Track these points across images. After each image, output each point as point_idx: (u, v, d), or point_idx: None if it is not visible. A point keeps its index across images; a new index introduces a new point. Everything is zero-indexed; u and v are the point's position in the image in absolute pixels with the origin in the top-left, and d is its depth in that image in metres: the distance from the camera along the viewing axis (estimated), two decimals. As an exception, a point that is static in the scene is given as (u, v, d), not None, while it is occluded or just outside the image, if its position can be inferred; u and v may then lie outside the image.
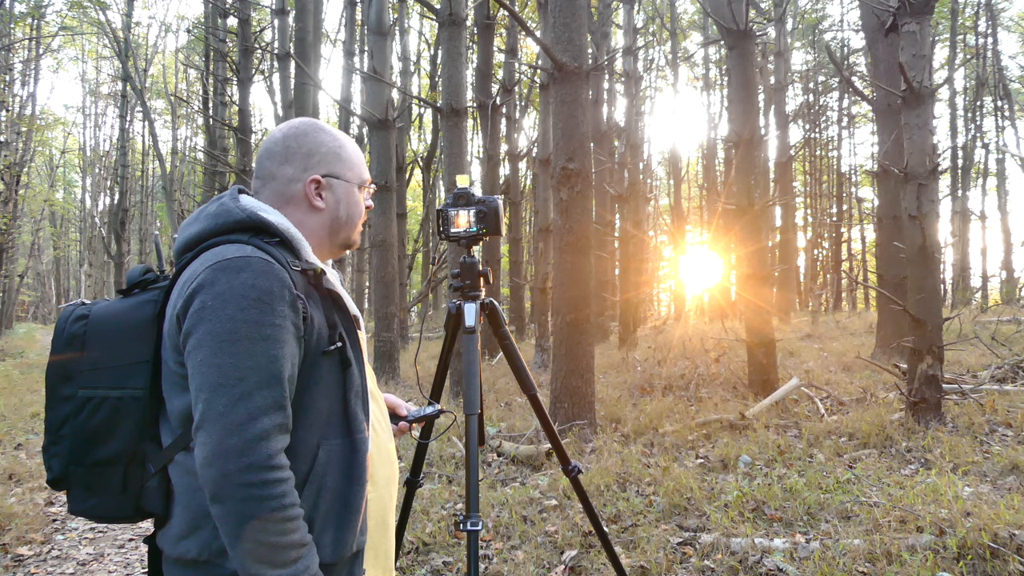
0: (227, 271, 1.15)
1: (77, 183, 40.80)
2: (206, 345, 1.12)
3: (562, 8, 5.51)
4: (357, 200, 1.42)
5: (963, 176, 22.51)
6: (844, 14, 24.86)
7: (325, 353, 1.24)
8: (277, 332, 1.14)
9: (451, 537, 3.53)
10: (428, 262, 22.49)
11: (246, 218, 1.25)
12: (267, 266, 1.17)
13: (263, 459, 1.09)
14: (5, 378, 11.14)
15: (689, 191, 30.32)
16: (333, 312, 1.29)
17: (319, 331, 1.23)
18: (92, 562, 3.77)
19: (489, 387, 8.34)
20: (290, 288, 1.18)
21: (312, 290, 1.26)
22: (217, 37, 16.88)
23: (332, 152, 1.40)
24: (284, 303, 1.16)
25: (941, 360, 5.15)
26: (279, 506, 1.09)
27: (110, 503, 1.25)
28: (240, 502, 1.07)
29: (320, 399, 1.23)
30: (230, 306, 1.12)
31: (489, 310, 2.25)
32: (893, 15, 5.41)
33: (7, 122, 20.69)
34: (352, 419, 1.26)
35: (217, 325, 1.12)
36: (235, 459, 1.07)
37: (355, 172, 1.42)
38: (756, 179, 8.29)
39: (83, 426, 1.22)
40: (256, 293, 1.14)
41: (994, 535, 2.91)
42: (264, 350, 1.12)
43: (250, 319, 1.12)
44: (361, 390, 1.30)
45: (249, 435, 1.09)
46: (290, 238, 1.27)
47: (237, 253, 1.17)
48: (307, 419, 1.21)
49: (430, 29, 22.76)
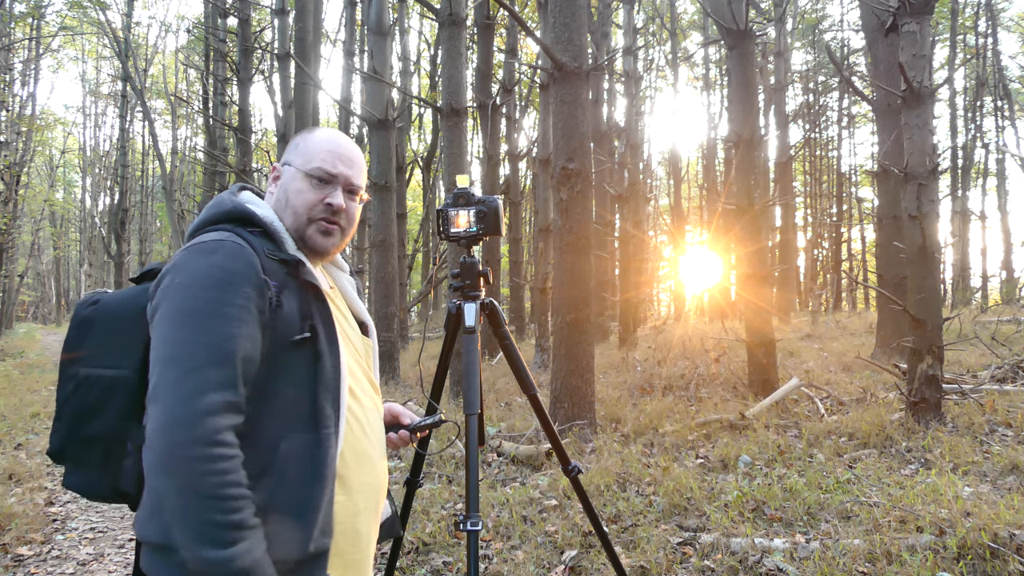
0: (199, 253, 1.20)
1: (77, 183, 40.83)
2: (166, 319, 1.15)
3: (562, 8, 5.51)
4: (300, 187, 1.37)
5: (963, 176, 22.52)
6: (844, 14, 24.88)
7: (295, 343, 1.23)
8: (236, 312, 1.15)
9: (451, 537, 3.53)
10: (428, 262, 22.50)
11: (232, 208, 1.30)
12: (238, 250, 1.20)
13: (209, 433, 1.07)
14: (5, 378, 11.14)
15: (689, 191, 30.32)
16: (311, 304, 1.28)
17: (289, 319, 1.23)
18: (92, 562, 3.77)
19: (489, 387, 8.34)
20: (258, 272, 1.20)
21: (290, 280, 1.26)
22: (217, 37, 16.89)
23: (294, 143, 1.43)
24: (248, 285, 1.17)
25: (941, 360, 5.15)
26: (222, 483, 1.07)
27: (92, 479, 1.31)
28: (183, 476, 1.06)
29: (287, 388, 1.23)
30: (194, 284, 1.16)
31: (489, 310, 2.25)
32: (893, 15, 5.41)
33: (7, 122, 20.70)
34: (319, 413, 1.24)
35: (178, 301, 1.15)
36: (181, 431, 1.07)
37: (304, 158, 1.39)
38: (756, 179, 8.29)
39: (79, 403, 1.29)
40: (221, 273, 1.16)
41: (994, 535, 2.91)
42: (220, 327, 1.13)
43: (211, 297, 1.14)
44: (333, 386, 1.27)
45: (196, 408, 1.08)
46: (273, 230, 1.30)
47: (213, 238, 1.22)
48: (271, 407, 1.20)
49: (430, 29, 22.77)
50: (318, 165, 1.37)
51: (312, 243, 1.37)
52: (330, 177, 1.38)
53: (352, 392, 1.36)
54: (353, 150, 1.43)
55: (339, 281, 1.53)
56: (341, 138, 1.43)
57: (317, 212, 1.37)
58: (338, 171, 1.39)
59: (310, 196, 1.37)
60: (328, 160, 1.38)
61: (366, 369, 1.48)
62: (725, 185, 8.31)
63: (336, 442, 1.26)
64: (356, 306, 1.54)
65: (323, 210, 1.37)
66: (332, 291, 1.46)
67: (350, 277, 1.56)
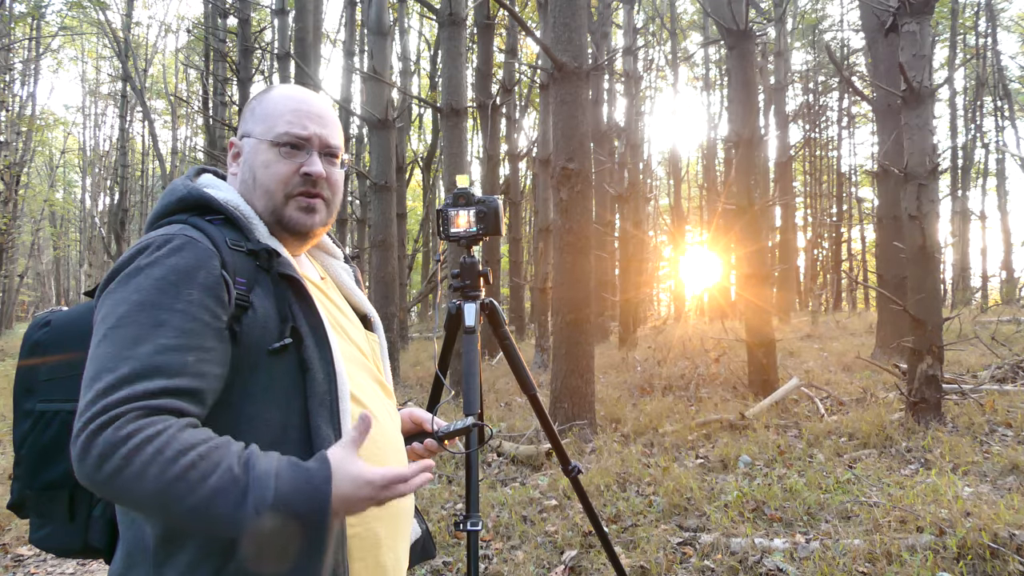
0: (142, 252, 1.00)
1: (77, 183, 40.83)
2: (97, 334, 0.95)
3: (562, 8, 5.51)
4: (267, 160, 1.13)
5: (963, 176, 22.53)
6: (844, 14, 24.85)
7: (272, 352, 1.02)
8: (176, 319, 0.94)
9: (451, 537, 3.53)
10: (428, 262, 22.51)
11: (187, 195, 1.09)
12: (188, 243, 1.00)
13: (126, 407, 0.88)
14: (5, 378, 11.14)
15: (689, 191, 30.32)
16: (291, 303, 1.06)
17: (264, 324, 1.02)
18: (92, 562, 3.77)
19: (489, 387, 8.33)
20: (209, 269, 0.99)
21: (262, 275, 1.06)
22: (217, 37, 16.88)
23: (250, 109, 1.19)
24: (195, 285, 0.97)
25: (941, 360, 5.15)
26: (161, 443, 0.86)
27: (60, 533, 1.11)
28: (118, 464, 0.85)
29: (269, 410, 1.01)
30: (129, 288, 0.96)
31: (489, 310, 2.25)
32: (893, 15, 5.41)
33: (7, 122, 20.71)
34: (315, 435, 1.02)
35: (110, 309, 0.96)
36: (90, 418, 0.87)
37: (266, 124, 1.15)
38: (756, 179, 8.29)
39: (35, 444, 1.10)
40: (162, 272, 0.96)
41: (994, 535, 2.91)
42: (154, 338, 0.92)
43: (146, 301, 0.94)
44: (328, 399, 1.05)
45: (114, 398, 0.89)
46: (236, 216, 1.09)
47: (162, 233, 1.02)
48: (253, 434, 0.98)
49: (430, 29, 22.77)
50: (284, 130, 1.14)
51: (294, 224, 1.14)
52: (301, 141, 1.14)
53: (357, 400, 1.13)
54: (322, 105, 1.19)
55: (332, 269, 1.33)
56: (304, 93, 1.19)
57: (294, 186, 1.14)
58: (310, 132, 1.15)
59: (281, 168, 1.13)
60: (295, 121, 1.14)
61: (373, 370, 1.24)
62: (725, 185, 8.31)
63: None
64: (356, 297, 1.33)
65: (300, 182, 1.14)
66: (324, 282, 1.26)
67: (345, 264, 1.35)
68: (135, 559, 0.99)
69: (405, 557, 1.23)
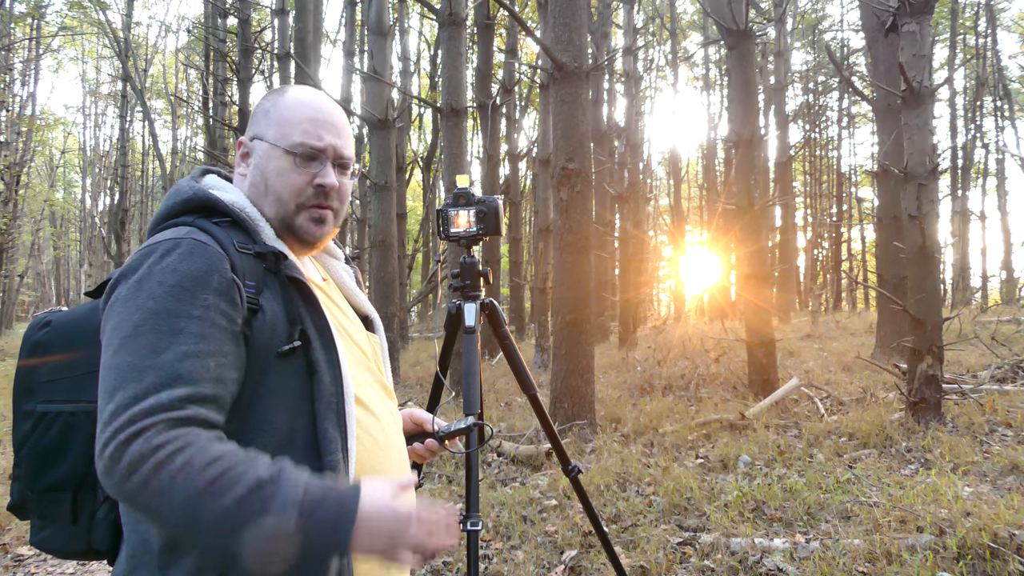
0: (150, 256, 0.98)
1: (77, 183, 40.84)
2: (112, 344, 0.94)
3: (562, 8, 5.51)
4: (281, 168, 1.12)
5: (963, 176, 22.52)
6: (844, 14, 24.89)
7: (282, 355, 1.02)
8: (194, 325, 0.93)
9: (451, 537, 3.53)
10: (428, 262, 22.51)
11: (192, 196, 1.08)
12: (198, 247, 0.99)
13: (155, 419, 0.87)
14: (5, 378, 11.14)
15: (689, 191, 30.31)
16: (299, 306, 1.06)
17: (273, 327, 1.02)
18: (92, 562, 3.77)
19: (489, 387, 8.33)
20: (222, 273, 0.98)
21: (270, 278, 1.05)
22: (217, 37, 16.88)
23: (262, 110, 1.17)
24: (209, 290, 0.96)
25: (941, 360, 5.15)
26: (191, 454, 0.87)
27: (62, 535, 1.10)
28: (154, 484, 0.85)
29: (277, 413, 1.01)
30: (142, 295, 0.94)
31: (489, 310, 2.25)
32: (893, 15, 5.41)
33: (7, 122, 20.72)
34: (322, 438, 1.02)
35: (124, 318, 0.94)
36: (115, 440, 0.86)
37: (280, 130, 1.13)
38: (756, 179, 8.29)
39: (36, 446, 1.09)
40: (175, 278, 0.95)
41: (994, 535, 2.91)
42: (174, 346, 0.92)
43: (162, 309, 0.93)
44: (335, 402, 1.05)
45: (135, 412, 0.88)
46: (243, 218, 1.08)
47: (169, 236, 1.01)
48: (261, 438, 0.98)
49: (430, 29, 22.77)
50: (300, 140, 1.12)
51: (303, 234, 1.15)
52: (317, 152, 1.13)
53: (361, 402, 1.13)
54: (337, 113, 1.18)
55: (334, 270, 1.32)
56: (321, 99, 1.17)
57: (307, 197, 1.13)
58: (325, 143, 1.14)
59: (295, 178, 1.12)
60: (311, 131, 1.13)
61: (375, 372, 1.25)
62: (725, 185, 8.31)
63: (346, 468, 1.04)
64: (357, 298, 1.33)
65: (313, 194, 1.13)
66: (326, 283, 1.27)
67: (345, 265, 1.34)
68: (139, 562, 0.98)
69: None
